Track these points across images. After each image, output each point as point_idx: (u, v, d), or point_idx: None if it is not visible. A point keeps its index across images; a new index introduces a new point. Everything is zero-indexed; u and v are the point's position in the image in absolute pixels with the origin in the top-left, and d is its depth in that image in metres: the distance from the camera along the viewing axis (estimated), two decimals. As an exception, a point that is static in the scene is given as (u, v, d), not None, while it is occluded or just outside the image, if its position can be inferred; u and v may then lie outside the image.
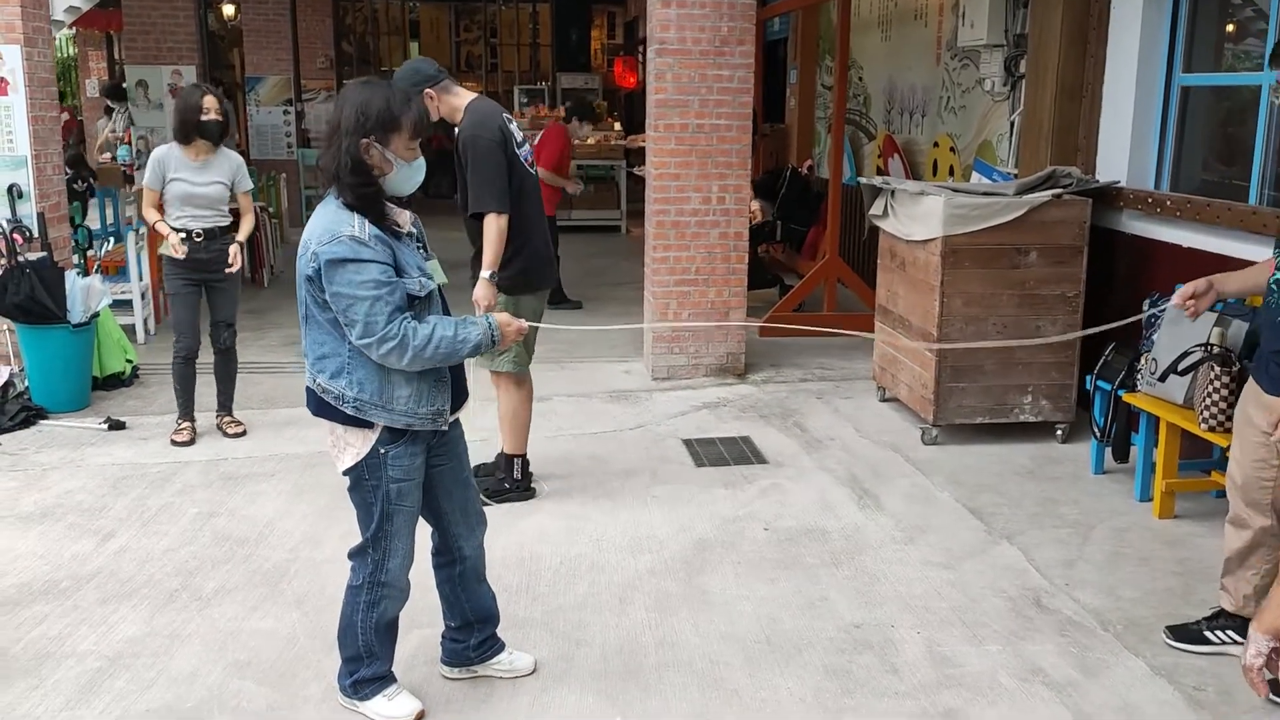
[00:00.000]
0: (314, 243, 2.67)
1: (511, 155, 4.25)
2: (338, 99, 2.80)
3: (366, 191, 2.71)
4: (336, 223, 2.68)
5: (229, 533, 4.27)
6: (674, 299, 6.52)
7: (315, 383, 2.80)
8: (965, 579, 3.90)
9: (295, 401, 6.01)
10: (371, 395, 2.75)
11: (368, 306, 2.64)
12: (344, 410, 2.76)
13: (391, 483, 2.83)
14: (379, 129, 2.69)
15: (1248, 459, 3.21)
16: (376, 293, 2.64)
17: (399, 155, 2.74)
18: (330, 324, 2.73)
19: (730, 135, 6.39)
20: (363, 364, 2.74)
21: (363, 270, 2.64)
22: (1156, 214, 5.23)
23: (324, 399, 2.79)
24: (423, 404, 2.81)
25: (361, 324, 2.65)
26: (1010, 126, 6.69)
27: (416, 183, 2.83)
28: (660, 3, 6.20)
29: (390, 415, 2.77)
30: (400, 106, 2.73)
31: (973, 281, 5.22)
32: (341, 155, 2.68)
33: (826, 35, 10.50)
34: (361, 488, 2.86)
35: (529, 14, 21.45)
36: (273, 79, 13.71)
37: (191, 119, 5.11)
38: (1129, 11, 5.47)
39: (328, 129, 2.77)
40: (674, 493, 4.73)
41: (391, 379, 2.76)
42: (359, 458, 2.82)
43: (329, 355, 2.76)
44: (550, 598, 3.75)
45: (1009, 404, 5.38)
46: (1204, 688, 3.19)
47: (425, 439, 2.88)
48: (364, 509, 2.89)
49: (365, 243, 2.66)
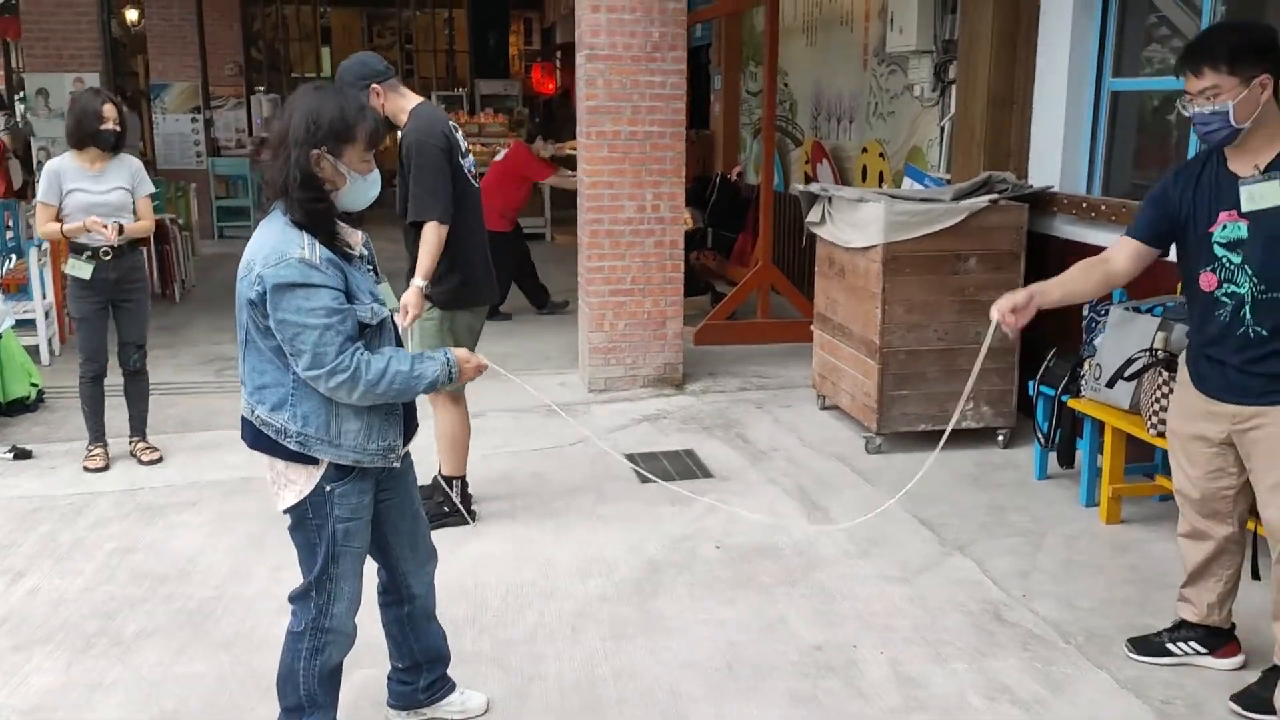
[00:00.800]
0: (259, 264, 2.44)
1: (456, 164, 4.09)
2: (285, 105, 2.56)
3: (317, 208, 2.49)
4: (284, 243, 2.45)
5: (149, 569, 4.02)
6: (610, 309, 6.38)
7: (254, 414, 2.58)
8: (923, 594, 3.83)
9: (213, 424, 5.76)
10: (317, 430, 2.54)
11: (317, 336, 2.43)
12: (286, 445, 2.55)
13: (338, 522, 2.62)
14: (331, 139, 2.47)
15: (1202, 472, 3.16)
16: (327, 321, 2.43)
17: (352, 168, 2.53)
18: (273, 352, 2.52)
19: (664, 142, 6.28)
20: (308, 396, 2.53)
21: (313, 296, 2.42)
22: (1091, 218, 5.25)
23: (263, 432, 2.58)
24: (373, 439, 2.61)
25: (309, 354, 2.44)
26: (940, 132, 6.69)
27: (371, 198, 2.61)
28: (590, 8, 6.07)
29: (338, 452, 2.57)
30: (355, 115, 2.51)
31: (914, 288, 5.18)
32: (290, 168, 2.45)
33: (750, 41, 10.48)
34: (305, 527, 2.65)
35: (444, 19, 21.17)
36: (179, 86, 13.26)
37: (89, 126, 4.84)
38: (1058, 18, 5.49)
39: (274, 138, 2.52)
40: (620, 511, 4.59)
41: (339, 413, 2.55)
42: (302, 495, 2.60)
43: (270, 385, 2.55)
44: (499, 629, 3.58)
45: (951, 411, 5.33)
46: (1172, 701, 3.15)
47: (374, 474, 2.69)
48: (307, 550, 2.68)
49: (316, 266, 2.44)
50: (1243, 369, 2.96)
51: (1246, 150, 2.88)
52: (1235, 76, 2.80)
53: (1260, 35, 2.86)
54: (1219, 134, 2.86)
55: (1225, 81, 2.81)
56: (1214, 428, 3.07)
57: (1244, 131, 2.84)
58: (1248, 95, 2.80)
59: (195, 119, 13.36)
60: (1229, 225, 2.91)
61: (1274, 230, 2.83)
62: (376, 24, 22.48)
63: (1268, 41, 2.84)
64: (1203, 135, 2.91)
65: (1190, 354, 3.17)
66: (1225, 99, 2.81)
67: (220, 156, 14.13)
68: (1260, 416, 2.94)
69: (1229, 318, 2.96)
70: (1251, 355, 2.93)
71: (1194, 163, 3.06)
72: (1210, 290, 2.99)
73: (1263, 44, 2.83)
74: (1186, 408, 3.18)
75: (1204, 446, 3.12)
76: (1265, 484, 2.97)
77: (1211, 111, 2.84)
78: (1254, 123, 2.83)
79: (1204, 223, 2.97)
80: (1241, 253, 2.90)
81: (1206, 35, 2.91)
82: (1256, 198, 2.85)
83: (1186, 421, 3.18)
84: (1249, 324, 2.92)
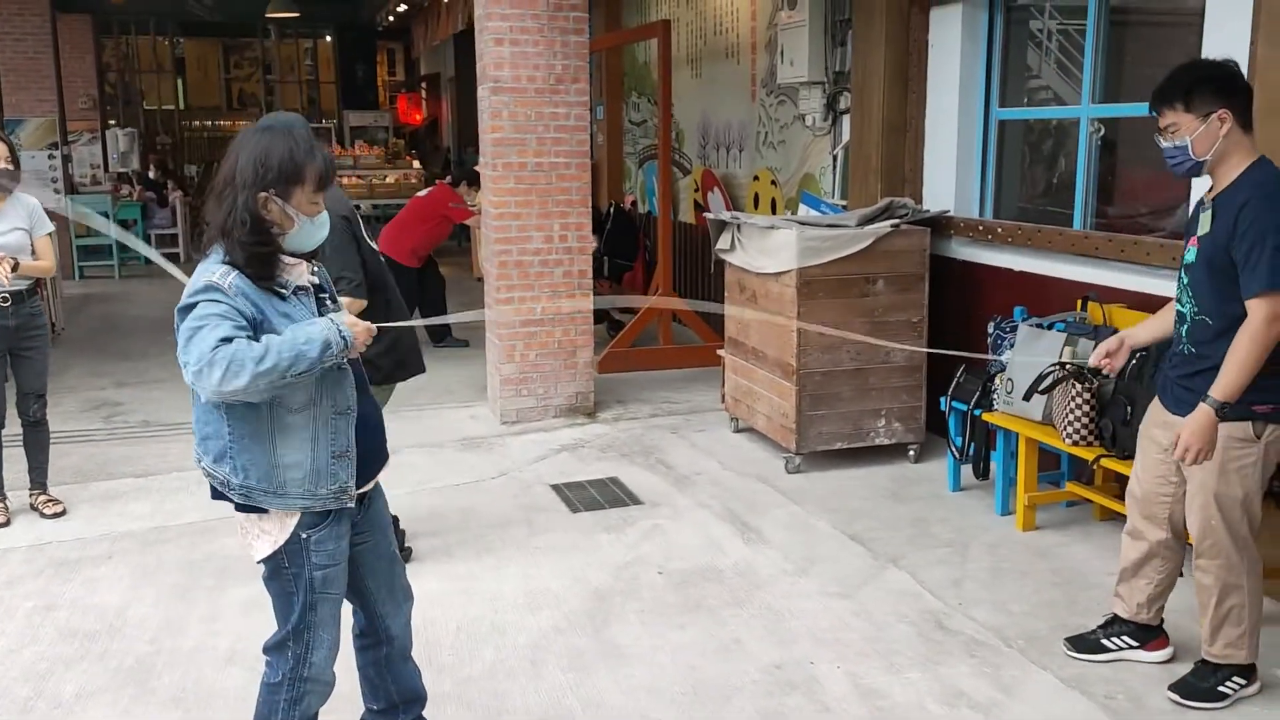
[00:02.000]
0: (182, 301, 2.37)
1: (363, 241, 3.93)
2: (232, 146, 2.47)
3: (260, 251, 2.40)
4: (201, 274, 2.37)
5: (75, 627, 3.82)
6: (520, 340, 6.37)
7: (200, 464, 2.51)
8: (866, 607, 3.94)
9: (113, 473, 5.54)
10: (259, 481, 2.45)
11: (198, 337, 2.27)
12: (231, 498, 2.48)
13: (315, 569, 2.56)
14: (280, 181, 2.40)
15: (1149, 475, 3.37)
16: (198, 324, 2.29)
17: (301, 210, 2.44)
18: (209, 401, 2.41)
19: (570, 173, 6.32)
20: (246, 448, 2.43)
21: (204, 309, 2.31)
22: (988, 240, 5.51)
23: (213, 484, 2.51)
24: (321, 484, 2.50)
25: (191, 355, 2.26)
26: (833, 160, 6.92)
27: (319, 240, 2.54)
28: (494, 41, 6.08)
29: (284, 501, 2.47)
30: (304, 156, 2.43)
31: (826, 311, 5.34)
32: (237, 210, 2.36)
33: (632, 72, 10.63)
34: (280, 577, 2.57)
35: (306, 49, 20.81)
36: (36, 121, 12.64)
37: None
38: (947, 51, 5.77)
39: (219, 180, 2.44)
40: (556, 542, 4.59)
41: (279, 460, 2.45)
42: (277, 545, 2.52)
43: (211, 437, 2.46)
44: (457, 668, 3.54)
45: (865, 428, 5.52)
46: (1114, 695, 3.33)
47: (349, 516, 2.63)
48: (283, 599, 2.60)
49: (223, 290, 2.34)
50: (1179, 383, 3.20)
51: (1216, 180, 3.12)
52: (1191, 113, 3.02)
53: (1218, 72, 3.09)
54: (1183, 166, 3.10)
55: (1182, 119, 3.04)
56: (1165, 435, 3.29)
57: (1206, 164, 3.07)
58: (1205, 130, 3.02)
59: (53, 155, 12.76)
60: (1189, 249, 3.17)
61: (1206, 256, 3.06)
62: (234, 54, 21.95)
63: (1225, 78, 3.06)
64: (1171, 169, 3.14)
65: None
66: (1184, 134, 3.04)
67: (78, 194, 13.52)
68: None
69: (1176, 335, 3.21)
70: (1185, 371, 3.18)
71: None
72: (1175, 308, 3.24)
73: (1216, 80, 3.05)
74: (1151, 414, 3.42)
75: (1155, 451, 3.35)
76: (1189, 490, 3.19)
77: (1174, 147, 3.08)
78: (1215, 155, 3.05)
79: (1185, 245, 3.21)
80: (1188, 275, 3.14)
81: (1169, 76, 3.11)
82: (1202, 225, 3.09)
83: (1148, 425, 3.42)
84: (1185, 342, 3.17)
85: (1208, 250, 3.05)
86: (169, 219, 14.52)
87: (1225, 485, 3.12)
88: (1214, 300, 3.06)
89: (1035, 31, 5.70)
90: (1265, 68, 3.88)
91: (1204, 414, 3.03)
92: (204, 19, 17.64)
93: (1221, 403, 3.01)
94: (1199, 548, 3.21)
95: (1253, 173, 3.06)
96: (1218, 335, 3.07)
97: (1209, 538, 3.17)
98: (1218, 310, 3.06)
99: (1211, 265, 3.04)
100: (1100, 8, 4.98)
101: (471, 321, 8.66)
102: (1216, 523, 3.14)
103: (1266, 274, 2.91)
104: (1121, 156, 5.18)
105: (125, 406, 6.83)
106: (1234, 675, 3.26)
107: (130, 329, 9.67)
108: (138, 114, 19.51)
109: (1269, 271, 2.91)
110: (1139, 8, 5.13)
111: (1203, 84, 3.03)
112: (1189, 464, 3.11)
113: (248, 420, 2.43)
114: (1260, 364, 2.97)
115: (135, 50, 19.85)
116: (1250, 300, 2.96)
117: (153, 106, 20.16)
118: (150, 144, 18.53)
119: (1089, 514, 4.78)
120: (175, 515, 4.93)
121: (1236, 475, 3.11)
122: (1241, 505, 3.14)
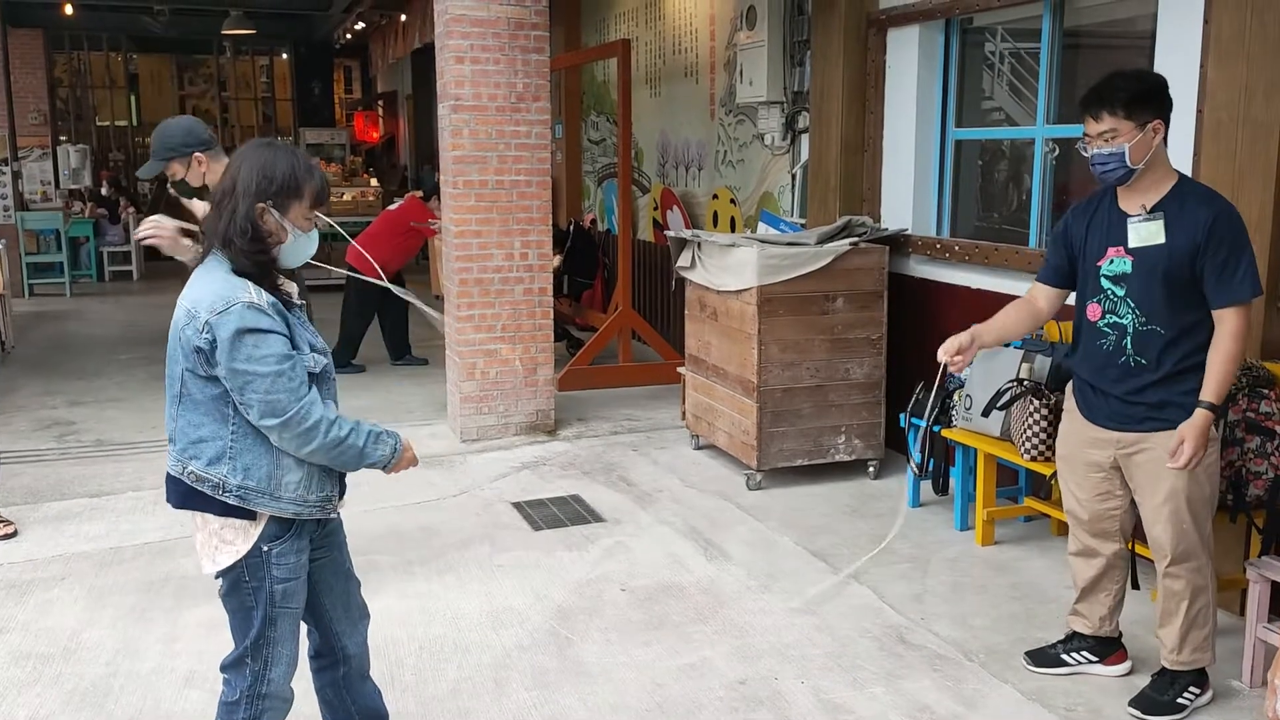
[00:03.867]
0: (205, 311, 2.39)
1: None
2: (234, 158, 2.55)
3: (262, 259, 2.49)
4: (229, 288, 2.42)
5: (28, 650, 3.74)
6: (480, 357, 6.35)
7: (185, 470, 2.49)
8: (829, 622, 3.96)
9: (66, 493, 5.44)
10: (259, 482, 2.48)
11: (268, 384, 2.39)
12: (224, 500, 2.47)
13: (276, 583, 2.55)
14: (280, 194, 2.48)
15: (1090, 494, 3.40)
16: (277, 368, 2.40)
17: (296, 224, 2.53)
18: (213, 402, 2.46)
19: (530, 191, 6.33)
20: (249, 448, 2.48)
21: (262, 344, 2.40)
22: (945, 258, 5.58)
23: (196, 489, 2.48)
24: (312, 490, 2.56)
25: (261, 403, 2.40)
26: (792, 179, 6.99)
27: (308, 255, 2.60)
28: (454, 59, 6.08)
29: (278, 504, 2.51)
30: (304, 173, 2.53)
31: (787, 328, 5.38)
32: (238, 219, 2.44)
33: (590, 91, 10.67)
34: (240, 591, 2.55)
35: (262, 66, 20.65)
36: (-16, 136, 12.44)
37: None
38: (903, 72, 5.85)
39: (219, 191, 2.51)
40: (518, 560, 4.57)
41: (281, 464, 2.50)
42: (238, 556, 2.52)
43: (207, 439, 2.47)
44: (420, 687, 3.50)
45: (825, 445, 5.56)
46: (1075, 708, 3.37)
47: (310, 531, 2.63)
48: (242, 615, 2.58)
49: (264, 311, 2.43)
50: (1124, 398, 3.21)
51: (1136, 191, 3.16)
52: (1131, 121, 3.07)
53: (1154, 83, 3.16)
54: (1114, 173, 3.13)
55: (1122, 125, 3.07)
56: (1101, 454, 3.32)
57: (1137, 172, 3.12)
58: (1142, 139, 3.08)
59: (2, 171, 12.56)
60: (1115, 260, 3.18)
61: (1153, 266, 3.11)
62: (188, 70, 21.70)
63: (1160, 89, 3.13)
64: (1099, 175, 3.17)
65: (1076, 383, 3.42)
66: (1121, 141, 3.08)
67: (28, 210, 13.31)
68: (1143, 442, 3.20)
69: (1112, 347, 3.22)
70: (1132, 384, 3.19)
71: (1089, 202, 3.33)
72: (1095, 320, 3.25)
73: (1156, 92, 3.12)
74: (1074, 435, 3.42)
75: (1091, 471, 3.37)
76: (1150, 504, 3.23)
77: (1109, 153, 3.10)
78: (1145, 165, 3.11)
79: (1094, 256, 3.24)
80: (1125, 286, 3.17)
81: (1106, 82, 3.15)
82: (1142, 235, 3.13)
83: (1075, 448, 3.42)
84: (1130, 353, 3.19)
85: (1161, 262, 3.09)
86: (121, 236, 14.33)
87: (1196, 486, 3.16)
88: (1167, 311, 3.11)
89: (990, 54, 5.80)
90: (1214, 89, 3.98)
91: (1203, 419, 3.06)
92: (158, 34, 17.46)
93: (1217, 405, 3.06)
94: (1172, 555, 3.22)
95: (1194, 186, 3.17)
96: (1169, 345, 3.12)
97: (1183, 543, 3.20)
98: (1170, 320, 3.11)
99: (1168, 276, 3.08)
100: (1054, 31, 5.08)
101: (430, 340, 8.65)
102: (1189, 526, 3.18)
103: (1249, 286, 3.03)
104: (1075, 176, 5.28)
105: (78, 425, 6.72)
106: (1191, 685, 3.31)
107: (83, 347, 9.51)
108: (90, 130, 19.23)
109: (1250, 284, 3.03)
110: (1091, 30, 5.23)
111: (1143, 94, 3.09)
112: (1192, 469, 3.11)
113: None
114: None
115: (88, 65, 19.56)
116: (1225, 309, 3.04)
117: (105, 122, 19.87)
118: (102, 160, 18.29)
119: (1046, 529, 4.84)
120: (131, 535, 4.85)
121: (1204, 474, 3.16)
122: (1208, 504, 3.21)
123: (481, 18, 6.08)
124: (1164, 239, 3.09)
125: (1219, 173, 3.90)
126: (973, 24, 5.70)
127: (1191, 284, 3.07)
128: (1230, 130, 3.92)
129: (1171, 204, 3.12)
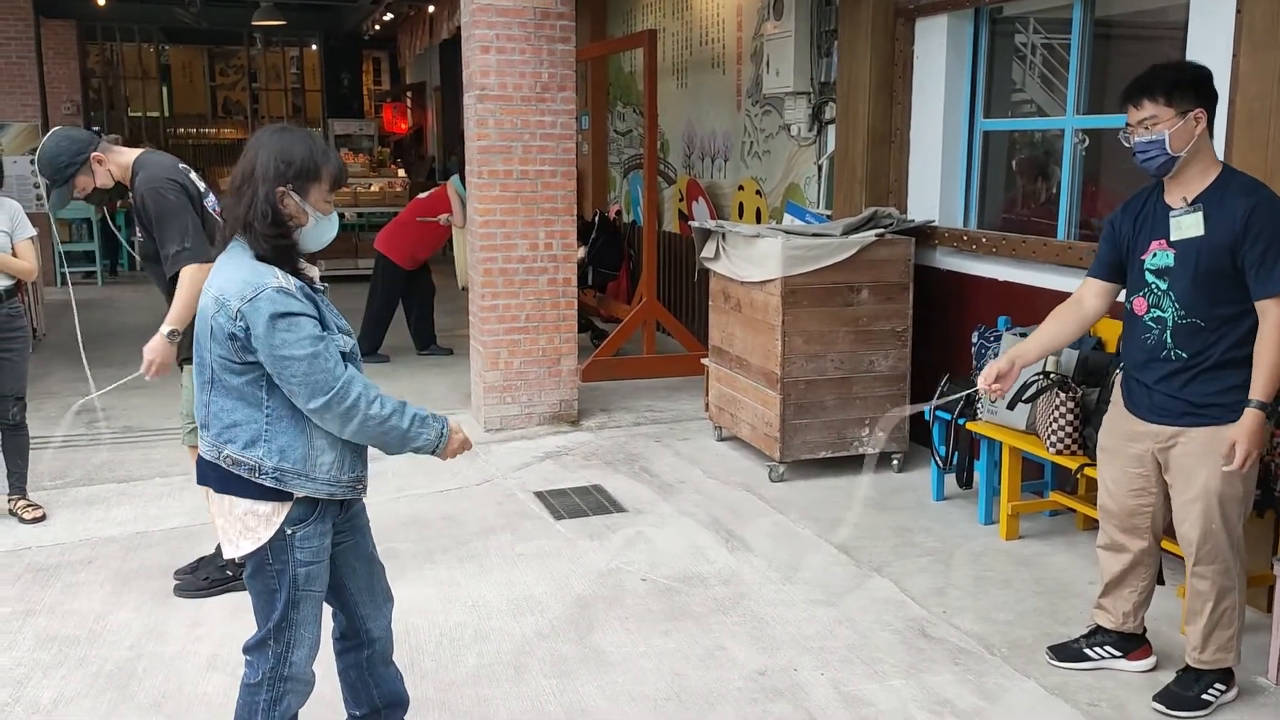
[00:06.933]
0: (234, 298, 2.42)
1: (200, 205, 3.93)
2: (250, 144, 2.56)
3: (282, 244, 2.50)
4: (256, 274, 2.44)
5: (55, 632, 3.78)
6: (504, 347, 6.36)
7: (221, 456, 2.51)
8: (850, 615, 3.94)
9: (95, 478, 5.49)
10: (295, 463, 2.50)
11: (306, 366, 2.42)
12: (260, 483, 2.49)
13: (300, 566, 2.57)
14: (299, 178, 2.49)
15: (1124, 489, 3.37)
16: (314, 349, 2.43)
17: (316, 207, 2.54)
18: (246, 386, 2.48)
19: (555, 181, 6.33)
20: (283, 430, 2.50)
21: (295, 327, 2.42)
22: (972, 250, 5.54)
23: (234, 472, 2.50)
24: (345, 470, 2.59)
25: (305, 387, 2.43)
26: (818, 170, 6.95)
27: (329, 238, 2.62)
28: (480, 49, 6.08)
29: (313, 485, 2.54)
30: (321, 156, 2.54)
31: (811, 320, 5.35)
32: (258, 204, 2.46)
33: (617, 82, 10.65)
34: (263, 574, 2.58)
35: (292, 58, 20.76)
36: (18, 126, 12.57)
37: None
38: (932, 63, 5.80)
39: (238, 177, 2.52)
40: (540, 549, 4.58)
41: (315, 445, 2.53)
42: (261, 541, 2.54)
43: (240, 424, 2.49)
44: (439, 673, 3.52)
45: (849, 437, 5.53)
46: (1098, 703, 3.33)
47: (333, 515, 2.64)
48: (265, 597, 2.60)
49: (294, 294, 2.45)
50: (1165, 391, 3.18)
51: (1180, 183, 3.13)
52: (1172, 108, 3.03)
53: (1196, 73, 3.12)
54: (1156, 161, 3.09)
55: (1162, 112, 3.04)
56: (1139, 447, 3.29)
57: (1179, 161, 3.07)
58: (1183, 126, 3.04)
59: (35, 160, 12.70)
60: (1159, 253, 3.15)
61: (1194, 259, 3.07)
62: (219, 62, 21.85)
63: (1202, 79, 3.09)
64: (1141, 164, 3.13)
65: (1123, 376, 3.39)
66: (1162, 128, 3.04)
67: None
68: (1180, 436, 3.16)
69: (1154, 341, 3.19)
70: (1173, 378, 3.16)
71: (1139, 197, 3.30)
72: (1140, 314, 3.22)
73: (1199, 80, 3.08)
74: (1116, 427, 3.39)
75: (1129, 465, 3.34)
76: (1181, 499, 3.20)
77: (1149, 140, 3.07)
78: (1188, 154, 3.06)
79: (1140, 250, 3.21)
80: (1167, 280, 3.13)
81: (1148, 71, 3.12)
82: (1183, 228, 3.09)
83: (1117, 440, 3.39)
84: (1170, 347, 3.15)
85: (1202, 253, 3.05)
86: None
87: (1229, 486, 3.12)
88: (1206, 303, 3.07)
89: (1020, 44, 5.74)
90: (1246, 79, 3.92)
91: (1255, 418, 3.01)
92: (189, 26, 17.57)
93: (1267, 404, 3.02)
94: (1198, 554, 3.19)
95: (1237, 177, 3.11)
96: (1208, 337, 3.08)
97: (1209, 542, 3.16)
98: (1209, 313, 3.07)
99: (1209, 269, 3.04)
100: (1085, 21, 5.02)
101: (455, 330, 8.67)
102: (1217, 526, 3.14)
103: None
104: (1105, 167, 5.22)
105: (108, 412, 6.78)
106: (1216, 682, 3.27)
107: (113, 335, 9.59)
108: (122, 121, 19.39)
109: None
110: (1123, 21, 5.17)
111: (1186, 82, 3.06)
112: (1245, 470, 3.07)
113: (287, 403, 2.50)
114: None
115: (120, 57, 19.71)
116: (1267, 301, 2.99)
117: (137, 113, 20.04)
118: (134, 150, 18.42)
119: (1072, 523, 4.79)
120: (158, 520, 4.90)
121: (1239, 475, 3.11)
122: (1240, 504, 3.16)
123: (507, 7, 6.08)
124: (1203, 231, 3.05)
125: (1251, 163, 3.83)
126: (1002, 13, 5.64)
127: (1232, 276, 3.03)
128: (1263, 120, 3.87)
129: (1213, 195, 3.08)
